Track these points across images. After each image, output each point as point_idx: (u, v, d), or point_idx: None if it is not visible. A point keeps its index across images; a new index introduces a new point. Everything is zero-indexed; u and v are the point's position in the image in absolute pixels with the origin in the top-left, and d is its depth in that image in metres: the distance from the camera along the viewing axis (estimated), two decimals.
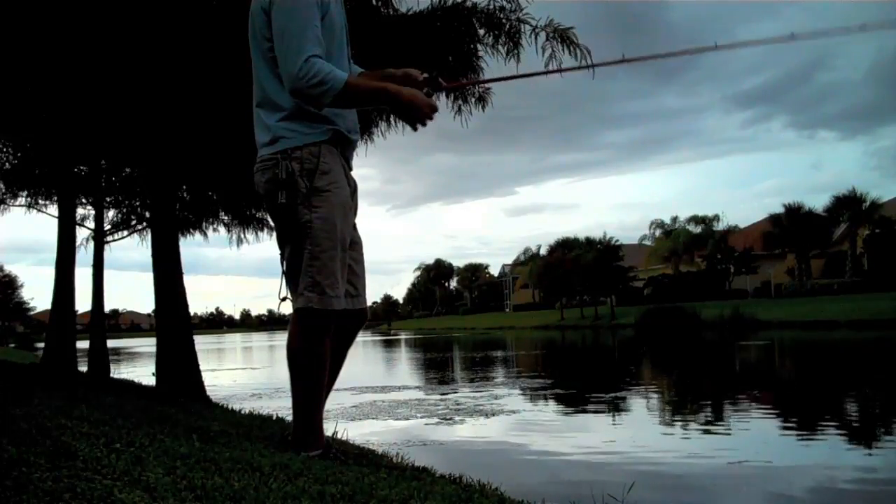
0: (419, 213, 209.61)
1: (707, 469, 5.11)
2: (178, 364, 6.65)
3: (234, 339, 63.94)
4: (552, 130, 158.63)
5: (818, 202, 56.50)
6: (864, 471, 5.00)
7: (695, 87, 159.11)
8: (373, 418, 7.88)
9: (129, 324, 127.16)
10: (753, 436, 6.40)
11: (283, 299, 2.34)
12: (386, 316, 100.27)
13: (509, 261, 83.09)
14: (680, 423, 7.49)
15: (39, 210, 10.07)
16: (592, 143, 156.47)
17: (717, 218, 48.66)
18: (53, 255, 9.52)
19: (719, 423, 7.37)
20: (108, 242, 11.07)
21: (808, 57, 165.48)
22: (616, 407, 8.60)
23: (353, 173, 2.51)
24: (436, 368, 17.54)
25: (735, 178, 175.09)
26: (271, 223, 8.72)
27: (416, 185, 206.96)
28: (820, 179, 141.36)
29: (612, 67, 2.57)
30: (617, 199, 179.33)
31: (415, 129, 2.34)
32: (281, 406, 7.53)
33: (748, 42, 2.52)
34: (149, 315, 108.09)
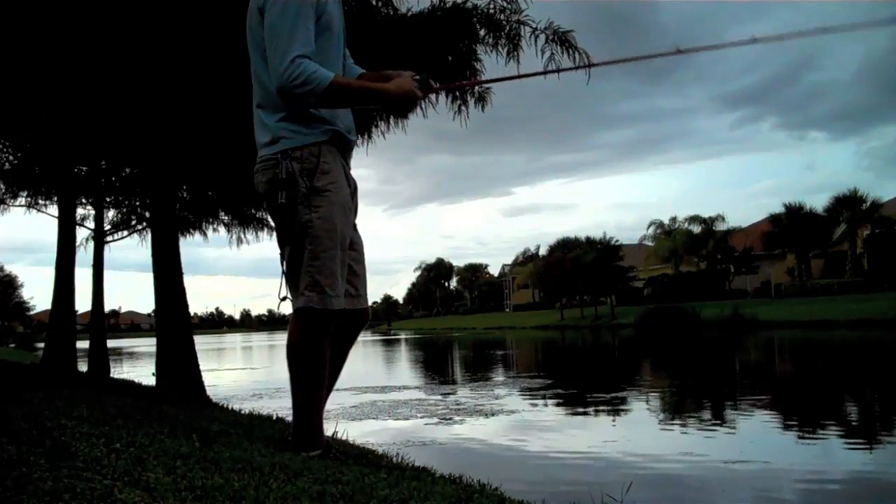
0: (416, 213, 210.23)
1: (706, 469, 5.11)
2: (178, 364, 6.66)
3: (234, 339, 63.91)
4: (547, 131, 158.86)
5: (814, 202, 56.36)
6: (862, 471, 5.00)
7: (684, 88, 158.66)
8: (373, 418, 7.88)
9: (129, 324, 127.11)
10: (753, 435, 6.40)
11: (284, 299, 2.34)
12: (386, 316, 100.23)
13: (506, 261, 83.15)
14: (679, 423, 7.49)
15: (39, 210, 10.08)
16: (588, 143, 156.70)
17: (720, 218, 48.42)
18: (53, 255, 9.53)
19: (718, 422, 7.37)
20: (108, 242, 11.11)
21: (795, 57, 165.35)
22: (616, 407, 8.60)
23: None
24: (436, 368, 17.54)
25: (730, 179, 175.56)
26: (271, 223, 8.74)
27: (412, 185, 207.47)
28: (815, 180, 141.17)
29: (610, 66, 2.58)
30: (613, 200, 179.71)
31: (406, 117, 2.39)
32: (281, 406, 7.53)
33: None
34: (149, 315, 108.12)
